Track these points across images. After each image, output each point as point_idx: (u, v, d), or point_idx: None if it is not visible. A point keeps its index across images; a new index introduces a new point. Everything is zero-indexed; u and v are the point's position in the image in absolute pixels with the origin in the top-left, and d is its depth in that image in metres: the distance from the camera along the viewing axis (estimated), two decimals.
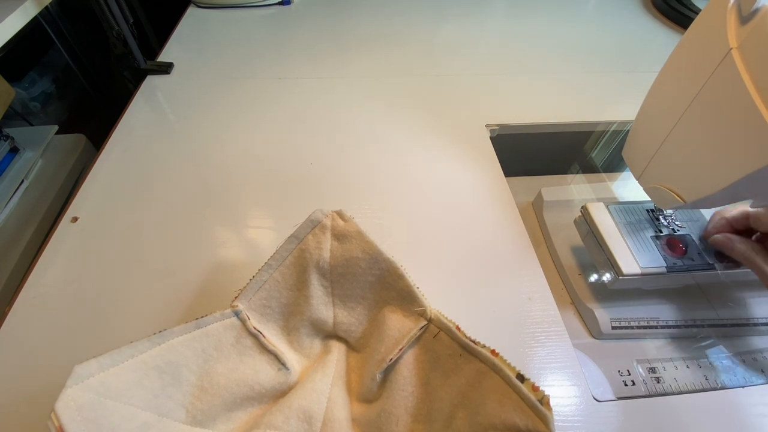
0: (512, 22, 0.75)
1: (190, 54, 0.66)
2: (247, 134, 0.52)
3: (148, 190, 0.45)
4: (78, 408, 0.19)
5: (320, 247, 0.26)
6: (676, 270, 0.36)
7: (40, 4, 0.54)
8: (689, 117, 0.30)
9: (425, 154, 0.49)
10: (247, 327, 0.25)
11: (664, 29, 0.73)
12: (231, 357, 0.25)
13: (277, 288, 0.26)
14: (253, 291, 0.26)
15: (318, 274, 0.27)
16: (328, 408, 0.25)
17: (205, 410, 0.23)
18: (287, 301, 0.27)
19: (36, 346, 0.33)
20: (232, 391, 0.24)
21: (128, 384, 0.21)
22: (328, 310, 0.27)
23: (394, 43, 0.69)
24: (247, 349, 0.25)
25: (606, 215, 0.40)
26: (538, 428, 0.19)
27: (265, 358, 0.26)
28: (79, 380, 0.20)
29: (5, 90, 0.64)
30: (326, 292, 0.27)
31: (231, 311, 0.25)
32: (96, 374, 0.20)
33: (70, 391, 0.19)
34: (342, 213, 0.27)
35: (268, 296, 0.26)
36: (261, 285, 0.26)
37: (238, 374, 0.24)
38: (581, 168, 0.58)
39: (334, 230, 0.26)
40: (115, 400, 0.20)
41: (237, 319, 0.25)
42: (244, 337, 0.25)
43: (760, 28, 0.24)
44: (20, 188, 0.66)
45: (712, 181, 0.28)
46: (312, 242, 0.26)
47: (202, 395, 0.23)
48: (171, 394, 0.22)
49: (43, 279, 0.37)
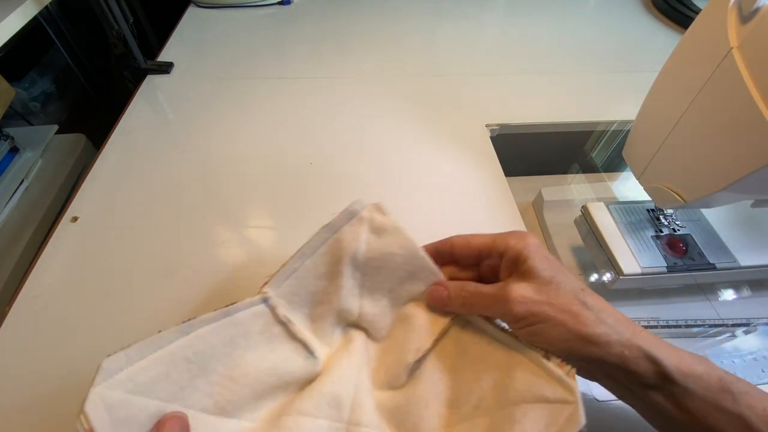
0: (512, 22, 0.75)
1: (190, 54, 0.66)
2: (247, 134, 0.52)
3: (148, 189, 0.45)
4: (107, 408, 0.18)
5: (357, 239, 0.25)
6: (677, 270, 0.36)
7: (40, 4, 0.54)
8: (689, 116, 0.30)
9: (425, 154, 0.49)
10: (276, 315, 0.25)
11: (664, 29, 0.73)
12: (259, 345, 0.24)
13: (307, 276, 0.26)
14: (283, 278, 0.25)
15: (351, 266, 0.26)
16: (356, 394, 0.25)
17: (233, 400, 0.23)
18: (316, 289, 0.26)
19: (36, 346, 0.33)
20: (262, 381, 0.24)
21: (156, 377, 0.20)
22: (355, 301, 0.27)
23: (394, 43, 0.69)
24: (275, 338, 0.25)
25: (606, 215, 0.40)
26: (565, 397, 0.21)
27: (292, 346, 0.25)
28: (107, 376, 0.18)
29: (5, 90, 0.64)
30: (356, 284, 0.27)
31: (260, 298, 0.24)
32: (124, 368, 0.19)
33: (99, 389, 0.18)
34: (381, 206, 0.26)
35: (298, 284, 0.26)
36: (292, 273, 0.25)
37: (267, 363, 0.24)
38: (581, 168, 0.58)
39: (371, 223, 0.26)
40: (143, 396, 0.19)
41: (265, 306, 0.25)
42: (273, 325, 0.25)
43: (760, 27, 0.24)
44: (20, 188, 0.66)
45: (712, 180, 0.28)
46: (348, 233, 0.25)
47: (230, 385, 0.23)
48: (198, 385, 0.22)
49: (43, 279, 0.37)
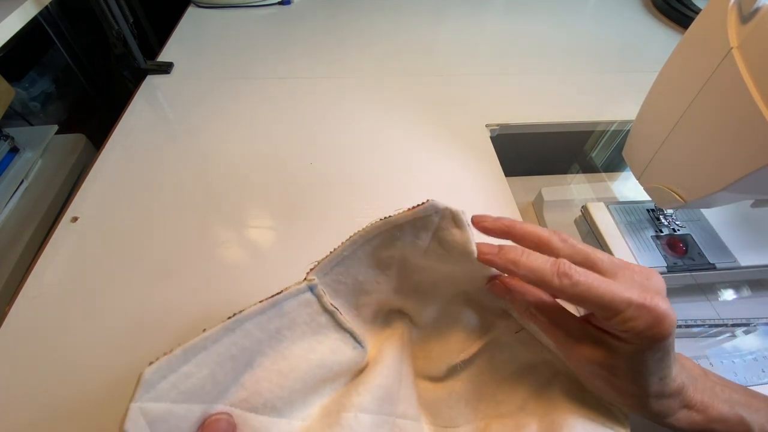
0: (512, 22, 0.75)
1: (190, 54, 0.66)
2: (247, 134, 0.52)
3: (148, 190, 0.45)
4: (150, 423, 0.16)
5: (416, 244, 0.23)
6: (677, 270, 0.36)
7: (40, 4, 0.54)
8: (689, 116, 0.30)
9: (425, 154, 0.49)
10: (323, 303, 0.23)
11: (664, 29, 0.73)
12: (306, 337, 0.22)
13: (356, 265, 0.24)
14: (331, 265, 0.23)
15: (401, 265, 0.24)
16: (403, 386, 0.25)
17: (283, 397, 0.21)
18: (364, 278, 0.24)
19: (36, 346, 0.33)
20: (313, 374, 0.22)
21: (201, 381, 0.18)
22: (399, 294, 0.26)
23: (394, 43, 0.69)
24: (322, 328, 0.23)
25: (606, 215, 0.40)
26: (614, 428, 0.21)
27: (340, 336, 0.24)
28: (149, 388, 0.16)
29: (5, 90, 0.64)
30: (404, 279, 0.25)
31: (306, 285, 0.22)
32: (168, 376, 0.17)
33: (140, 404, 0.16)
34: (458, 216, 0.22)
35: (346, 272, 0.24)
36: (341, 259, 0.23)
37: (316, 355, 0.22)
38: (581, 168, 0.58)
39: (439, 231, 0.22)
40: (187, 403, 0.17)
41: (312, 294, 0.22)
42: (319, 315, 0.23)
43: (760, 27, 0.24)
44: (20, 188, 0.66)
45: (712, 180, 0.28)
46: (409, 234, 0.22)
47: (279, 380, 0.21)
48: (244, 383, 0.20)
49: (43, 279, 0.37)
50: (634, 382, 0.19)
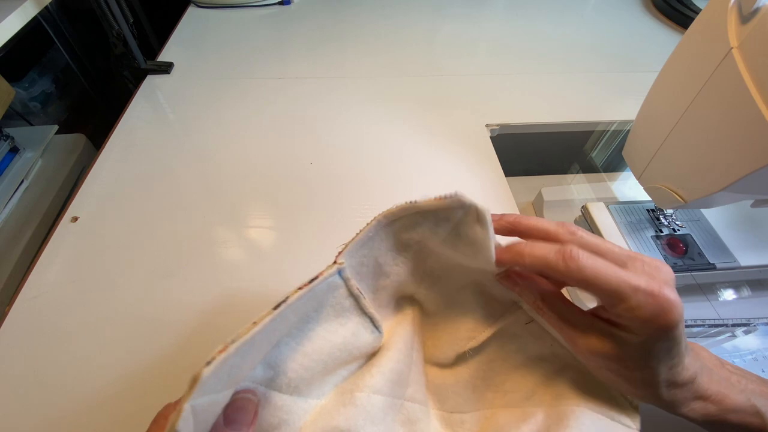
0: (512, 23, 0.75)
1: (190, 54, 0.66)
2: (247, 134, 0.52)
3: (148, 190, 0.45)
4: (195, 415, 0.15)
5: (435, 232, 0.22)
6: (677, 270, 0.36)
7: (40, 4, 0.54)
8: (690, 116, 0.30)
9: (425, 154, 0.49)
10: (349, 287, 0.23)
11: (664, 29, 0.73)
12: (330, 319, 0.23)
13: (378, 246, 0.24)
14: (357, 247, 0.23)
15: (418, 248, 0.24)
16: (413, 370, 0.25)
17: (306, 378, 0.21)
18: (383, 260, 0.24)
19: (36, 346, 0.33)
20: (334, 356, 0.22)
21: (242, 368, 0.18)
22: (414, 277, 0.26)
23: (394, 43, 0.69)
24: (345, 311, 0.23)
25: (606, 215, 0.40)
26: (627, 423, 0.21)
27: (361, 320, 0.24)
28: (203, 387, 0.15)
29: (5, 90, 0.64)
30: (419, 262, 0.25)
31: (336, 269, 0.22)
32: (218, 372, 0.16)
33: (191, 404, 0.15)
34: (483, 215, 0.21)
35: (369, 253, 0.24)
36: (368, 240, 0.23)
37: (338, 338, 0.23)
38: (581, 168, 0.58)
39: (460, 226, 0.22)
40: (229, 390, 0.18)
41: (340, 278, 0.22)
42: (344, 298, 0.23)
43: (760, 27, 0.24)
44: (20, 188, 0.66)
45: (712, 180, 0.28)
46: (430, 222, 0.22)
47: (303, 361, 0.21)
48: (271, 362, 0.20)
49: (43, 279, 0.37)
50: (643, 371, 0.19)
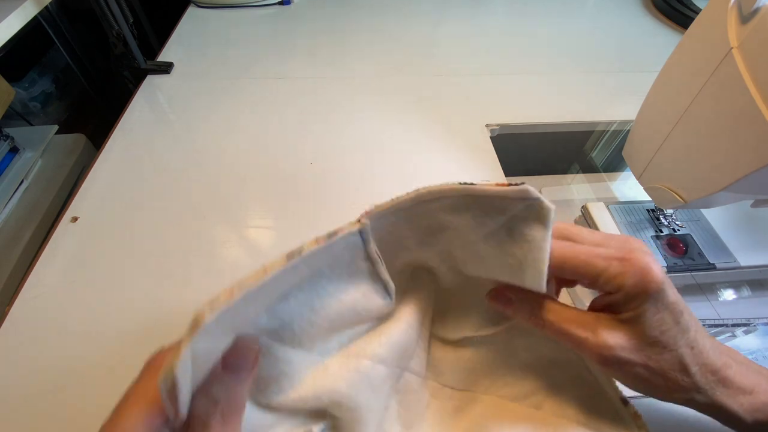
0: (512, 23, 0.75)
1: (190, 54, 0.66)
2: (247, 134, 0.52)
3: (148, 190, 0.45)
4: (193, 359, 0.15)
5: (483, 223, 0.21)
6: (677, 270, 0.36)
7: (40, 4, 0.54)
8: (690, 116, 0.30)
9: (425, 154, 0.49)
10: (368, 250, 0.22)
11: (664, 29, 0.73)
12: (343, 277, 0.22)
13: (411, 221, 0.23)
14: (387, 213, 0.22)
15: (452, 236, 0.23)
16: (417, 345, 0.25)
17: (310, 333, 0.21)
18: (409, 236, 0.24)
19: (36, 346, 0.33)
20: (342, 316, 0.22)
21: (247, 314, 0.17)
22: (437, 259, 0.25)
23: (394, 43, 0.69)
24: (359, 273, 0.22)
25: (606, 215, 0.40)
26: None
27: (374, 286, 0.23)
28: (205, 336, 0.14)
29: (5, 90, 0.64)
30: (447, 250, 0.25)
31: (357, 228, 0.21)
32: (222, 318, 0.15)
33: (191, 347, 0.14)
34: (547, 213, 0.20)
35: (398, 224, 0.23)
36: (398, 210, 0.22)
37: (348, 297, 0.22)
38: (581, 168, 0.58)
39: (515, 222, 0.21)
40: (230, 335, 0.17)
41: (359, 238, 0.21)
42: (361, 260, 0.22)
43: (760, 27, 0.24)
44: (20, 188, 0.66)
45: (712, 180, 0.28)
46: (481, 210, 0.21)
47: (310, 316, 0.20)
48: (277, 312, 0.19)
49: (43, 279, 0.37)
50: (663, 353, 0.19)
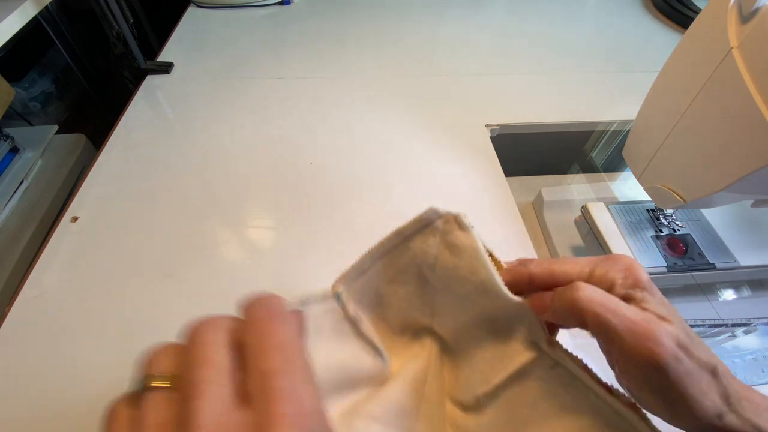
0: (512, 23, 0.75)
1: (190, 54, 0.66)
2: (247, 134, 0.52)
3: (147, 190, 0.45)
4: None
5: (426, 252, 0.23)
6: (677, 270, 0.36)
7: (40, 4, 0.54)
8: (690, 116, 0.30)
9: (425, 154, 0.49)
10: (347, 311, 0.23)
11: (664, 29, 0.73)
12: (330, 339, 0.23)
13: (376, 279, 0.25)
14: (354, 276, 0.24)
15: (421, 278, 0.25)
16: (424, 405, 0.24)
17: None
18: (385, 292, 0.25)
19: (36, 346, 0.33)
20: (332, 374, 0.22)
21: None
22: (426, 311, 0.26)
23: (394, 43, 0.69)
24: (344, 335, 0.24)
25: (606, 215, 0.40)
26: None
27: (361, 344, 0.24)
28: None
29: (5, 90, 0.64)
30: (427, 297, 0.25)
31: (333, 294, 0.23)
32: None
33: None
34: (460, 218, 0.22)
35: (368, 283, 0.24)
36: (362, 273, 0.24)
37: (338, 357, 0.23)
38: (581, 168, 0.58)
39: (445, 237, 0.23)
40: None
41: (337, 303, 0.23)
42: (341, 322, 0.24)
43: (760, 27, 0.24)
44: (20, 188, 0.66)
45: (712, 180, 0.28)
46: (419, 243, 0.23)
47: None
48: None
49: (43, 279, 0.37)
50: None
